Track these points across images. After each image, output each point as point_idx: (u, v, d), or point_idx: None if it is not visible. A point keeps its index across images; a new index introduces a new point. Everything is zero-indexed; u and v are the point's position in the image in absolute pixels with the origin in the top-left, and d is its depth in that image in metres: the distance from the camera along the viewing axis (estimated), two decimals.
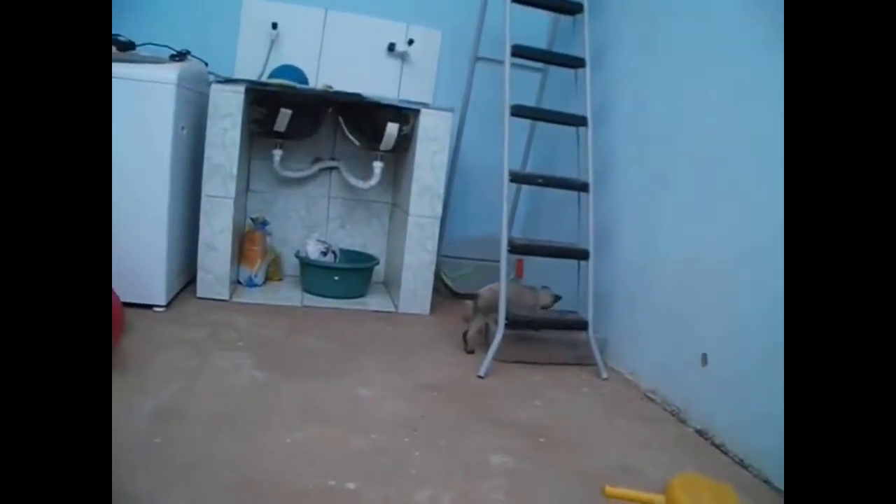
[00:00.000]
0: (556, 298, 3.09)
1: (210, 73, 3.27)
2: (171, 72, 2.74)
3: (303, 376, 2.42)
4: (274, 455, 1.83)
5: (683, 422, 2.45)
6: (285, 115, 3.24)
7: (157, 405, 1.99)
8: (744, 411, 2.19)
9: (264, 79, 3.44)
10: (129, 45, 2.92)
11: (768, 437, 2.06)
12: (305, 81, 3.56)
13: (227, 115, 3.05)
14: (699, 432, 2.36)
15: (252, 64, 3.61)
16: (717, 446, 2.25)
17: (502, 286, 2.83)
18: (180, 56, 3.01)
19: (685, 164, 2.66)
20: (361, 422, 2.11)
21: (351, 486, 1.71)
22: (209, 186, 3.08)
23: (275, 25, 3.62)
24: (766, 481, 2.03)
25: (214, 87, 3.05)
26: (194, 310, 3.00)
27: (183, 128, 2.87)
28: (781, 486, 1.97)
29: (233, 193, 3.11)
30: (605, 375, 2.84)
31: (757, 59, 2.29)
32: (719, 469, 2.09)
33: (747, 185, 2.28)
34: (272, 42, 3.64)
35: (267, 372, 2.40)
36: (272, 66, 3.61)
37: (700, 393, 2.42)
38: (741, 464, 2.14)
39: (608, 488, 1.85)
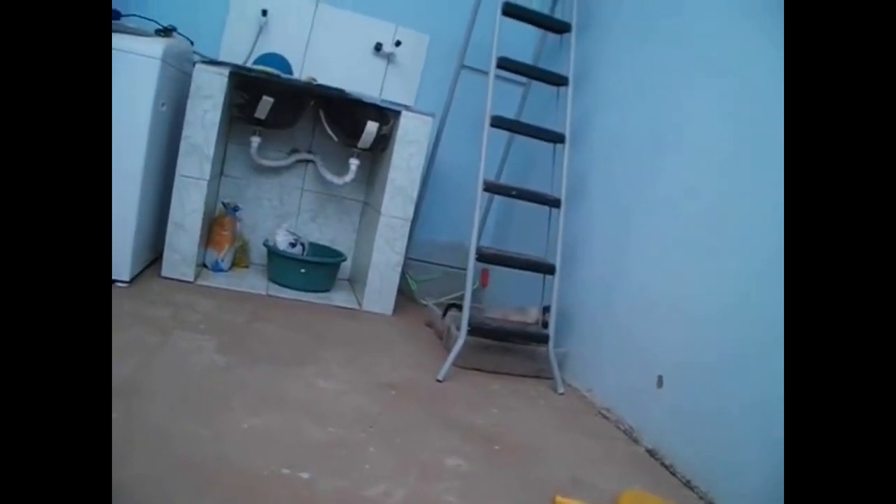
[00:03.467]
0: (544, 312, 3.14)
1: (195, 52, 3.25)
2: (156, 46, 2.71)
3: (263, 363, 2.42)
4: (230, 438, 1.82)
5: (635, 441, 2.48)
6: (267, 102, 3.23)
7: (115, 380, 1.96)
8: (694, 434, 2.24)
9: (249, 64, 3.43)
10: (114, 15, 2.89)
11: (715, 461, 2.12)
12: (290, 72, 3.55)
13: (208, 96, 3.03)
14: (650, 452, 2.39)
15: (238, 48, 3.58)
16: (667, 467, 2.29)
17: (467, 293, 2.85)
18: (166, 32, 2.99)
19: (658, 191, 2.71)
20: (319, 413, 2.11)
21: (305, 475, 1.72)
22: (184, 166, 3.05)
23: (265, 12, 3.60)
24: (710, 502, 2.08)
25: (198, 66, 3.02)
26: (158, 288, 2.96)
27: (163, 104, 2.85)
28: None
29: (207, 175, 3.09)
30: (561, 390, 2.87)
31: (736, 88, 2.34)
32: (667, 489, 2.13)
33: (717, 215, 2.33)
34: (260, 28, 3.62)
35: (228, 356, 2.39)
36: (258, 52, 3.59)
37: (653, 414, 2.46)
38: (688, 485, 2.18)
39: (559, 499, 1.88)
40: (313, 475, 1.73)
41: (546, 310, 3.06)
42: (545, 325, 3.05)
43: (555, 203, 3.05)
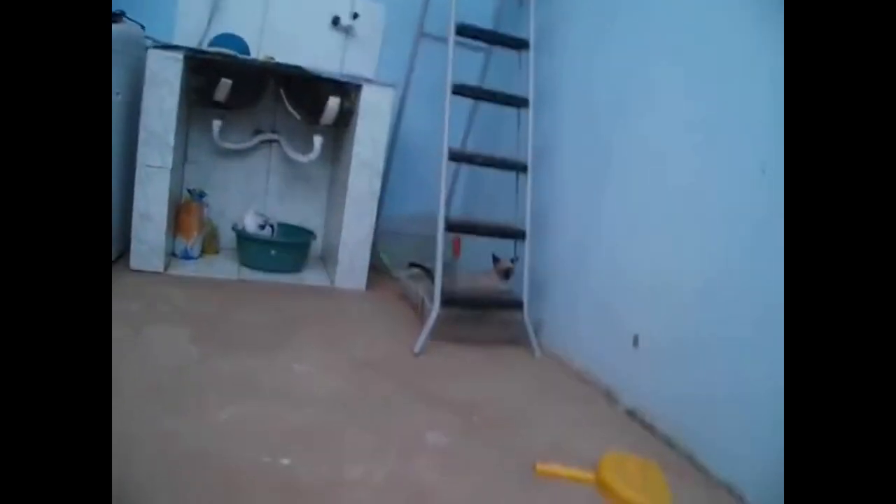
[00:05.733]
0: (507, 270, 3.14)
1: (147, 37, 3.18)
2: None
3: (238, 351, 2.41)
4: (208, 431, 1.82)
5: (615, 402, 2.51)
6: (225, 84, 3.19)
7: None
8: (671, 392, 2.27)
9: (205, 47, 3.37)
10: None
11: (693, 417, 2.15)
12: (247, 52, 3.49)
13: (164, 82, 2.97)
14: (629, 413, 2.42)
15: (192, 31, 3.50)
16: (647, 426, 2.33)
17: (438, 264, 2.84)
18: (115, 17, 2.92)
19: (628, 151, 2.71)
20: (296, 397, 2.12)
21: (285, 461, 1.72)
22: (145, 155, 2.99)
23: None
24: (689, 458, 2.11)
25: (152, 52, 2.95)
26: (127, 282, 2.93)
27: (118, 93, 2.80)
28: (705, 463, 2.06)
29: (170, 163, 3.04)
30: (538, 355, 2.89)
31: (709, 47, 2.34)
32: (648, 447, 2.17)
33: (691, 173, 2.34)
34: (213, 9, 3.54)
35: (202, 346, 2.38)
36: (213, 34, 3.52)
37: (631, 374, 2.49)
38: (668, 442, 2.21)
39: (539, 466, 1.89)
40: (293, 461, 1.73)
41: (512, 260, 3.10)
42: (508, 274, 3.08)
43: (522, 168, 3.05)
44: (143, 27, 3.20)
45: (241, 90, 3.27)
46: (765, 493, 1.84)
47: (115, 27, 2.74)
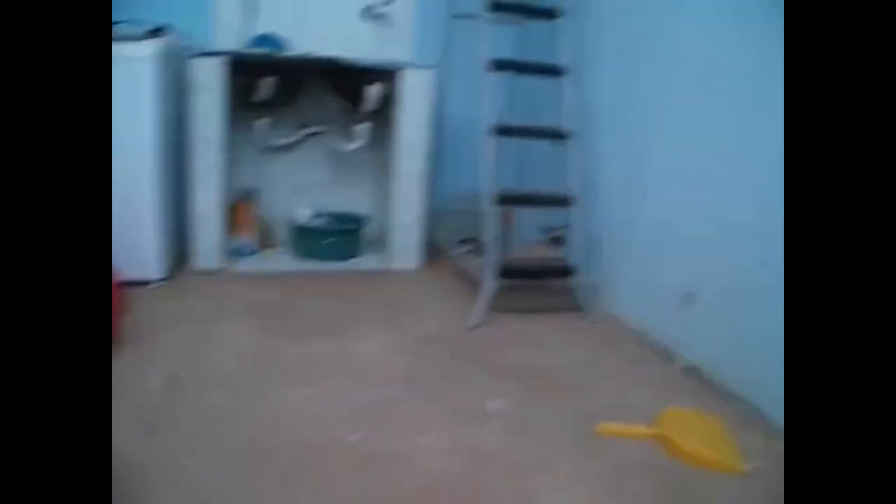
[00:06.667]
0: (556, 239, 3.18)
1: (190, 45, 3.28)
2: (148, 48, 2.77)
3: (304, 337, 2.51)
4: (282, 413, 1.93)
5: (672, 360, 2.53)
6: (267, 83, 3.27)
7: (168, 374, 2.09)
8: (729, 345, 2.29)
9: (243, 49, 3.46)
10: None
11: (752, 369, 2.16)
12: (285, 49, 3.56)
13: (208, 87, 3.08)
14: (688, 369, 2.44)
15: (230, 35, 3.59)
16: (705, 381, 2.35)
17: (491, 238, 2.88)
18: (157, 31, 3.02)
19: (670, 110, 2.70)
20: (362, 376, 2.21)
21: (355, 437, 1.81)
22: (197, 160, 3.12)
23: None
24: (752, 408, 2.13)
25: (194, 60, 3.06)
26: (191, 282, 3.05)
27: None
28: (768, 412, 2.07)
29: (221, 165, 3.16)
30: (595, 319, 2.92)
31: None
32: (708, 402, 2.19)
33: (732, 128, 2.33)
34: (250, 12, 3.62)
35: (269, 336, 2.49)
36: (250, 35, 3.60)
37: (688, 330, 2.50)
38: (729, 396, 2.23)
39: (601, 426, 1.94)
40: (363, 436, 1.82)
41: (561, 228, 3.15)
42: (558, 240, 3.13)
43: (565, 136, 3.06)
44: (187, 37, 3.29)
45: (282, 87, 3.35)
46: None
47: (157, 41, 2.83)
